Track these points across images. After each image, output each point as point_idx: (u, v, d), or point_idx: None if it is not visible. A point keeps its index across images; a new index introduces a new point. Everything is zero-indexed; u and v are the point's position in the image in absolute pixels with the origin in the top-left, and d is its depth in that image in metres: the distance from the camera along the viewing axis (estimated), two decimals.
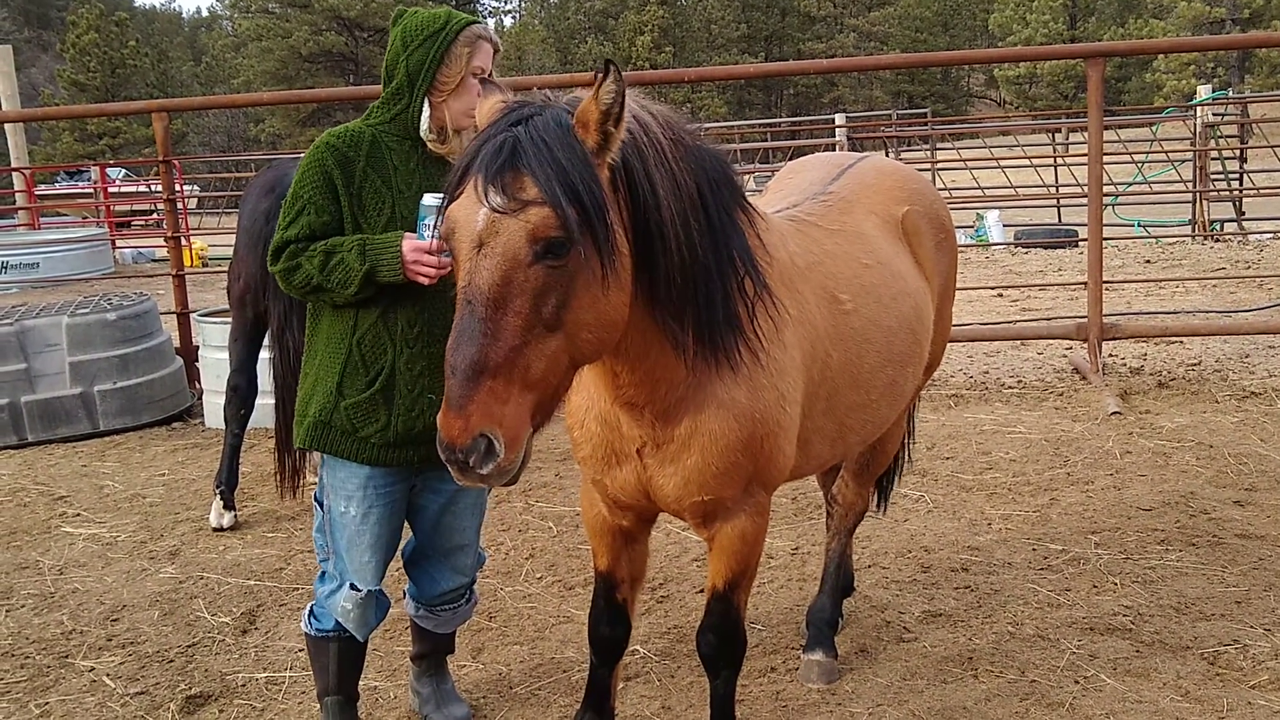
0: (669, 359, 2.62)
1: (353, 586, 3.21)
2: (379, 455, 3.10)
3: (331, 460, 3.17)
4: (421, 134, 3.10)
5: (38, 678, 4.05)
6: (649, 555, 3.29)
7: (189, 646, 4.26)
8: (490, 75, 3.12)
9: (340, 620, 3.27)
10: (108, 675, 4.04)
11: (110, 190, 24.35)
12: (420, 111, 3.08)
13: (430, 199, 2.87)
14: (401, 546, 3.41)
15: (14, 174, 20.67)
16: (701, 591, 4.51)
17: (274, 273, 3.10)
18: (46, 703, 3.86)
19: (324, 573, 3.30)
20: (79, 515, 5.89)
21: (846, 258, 3.23)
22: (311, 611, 3.37)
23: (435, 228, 2.55)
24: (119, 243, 20.32)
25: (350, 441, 3.11)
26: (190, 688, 3.92)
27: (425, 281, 2.94)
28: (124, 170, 31.24)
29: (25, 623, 4.52)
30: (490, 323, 2.19)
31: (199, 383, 8.01)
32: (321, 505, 3.24)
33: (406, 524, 3.36)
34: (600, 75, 2.27)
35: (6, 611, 4.64)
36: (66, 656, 4.21)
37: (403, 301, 3.05)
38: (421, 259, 2.92)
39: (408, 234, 2.96)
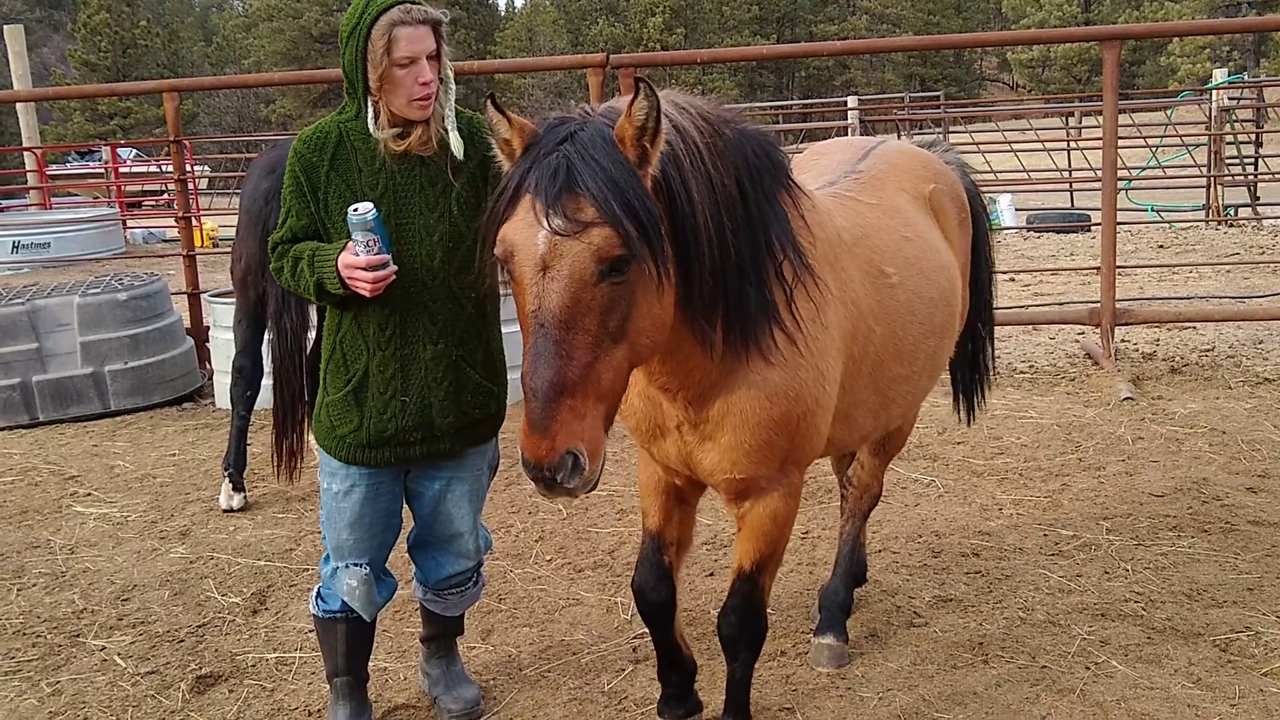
0: (696, 353, 2.66)
1: (355, 564, 3.22)
2: (354, 454, 3.12)
3: None
4: (374, 135, 2.98)
5: (49, 656, 4.06)
6: (695, 523, 3.33)
7: (199, 626, 4.27)
8: (440, 52, 2.96)
9: (346, 600, 3.27)
10: (118, 654, 4.06)
11: (121, 170, 24.36)
12: (366, 113, 2.98)
13: (355, 214, 2.83)
14: (407, 532, 3.41)
15: (25, 154, 20.71)
16: (711, 575, 4.51)
17: (271, 271, 3.16)
18: (58, 681, 3.87)
19: (328, 554, 3.30)
20: (90, 495, 5.91)
21: (889, 231, 3.29)
22: (319, 593, 3.38)
23: (368, 245, 2.79)
24: (130, 223, 20.31)
25: (331, 439, 3.15)
26: (200, 667, 3.93)
27: (365, 293, 2.91)
28: (135, 150, 31.24)
29: (37, 601, 4.54)
30: (564, 344, 2.27)
31: (209, 363, 8.03)
32: None
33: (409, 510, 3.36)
34: (634, 93, 2.33)
35: (18, 590, 4.66)
36: (77, 635, 4.23)
37: (373, 305, 3.02)
38: (355, 274, 2.89)
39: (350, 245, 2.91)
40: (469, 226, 3.00)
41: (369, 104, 2.96)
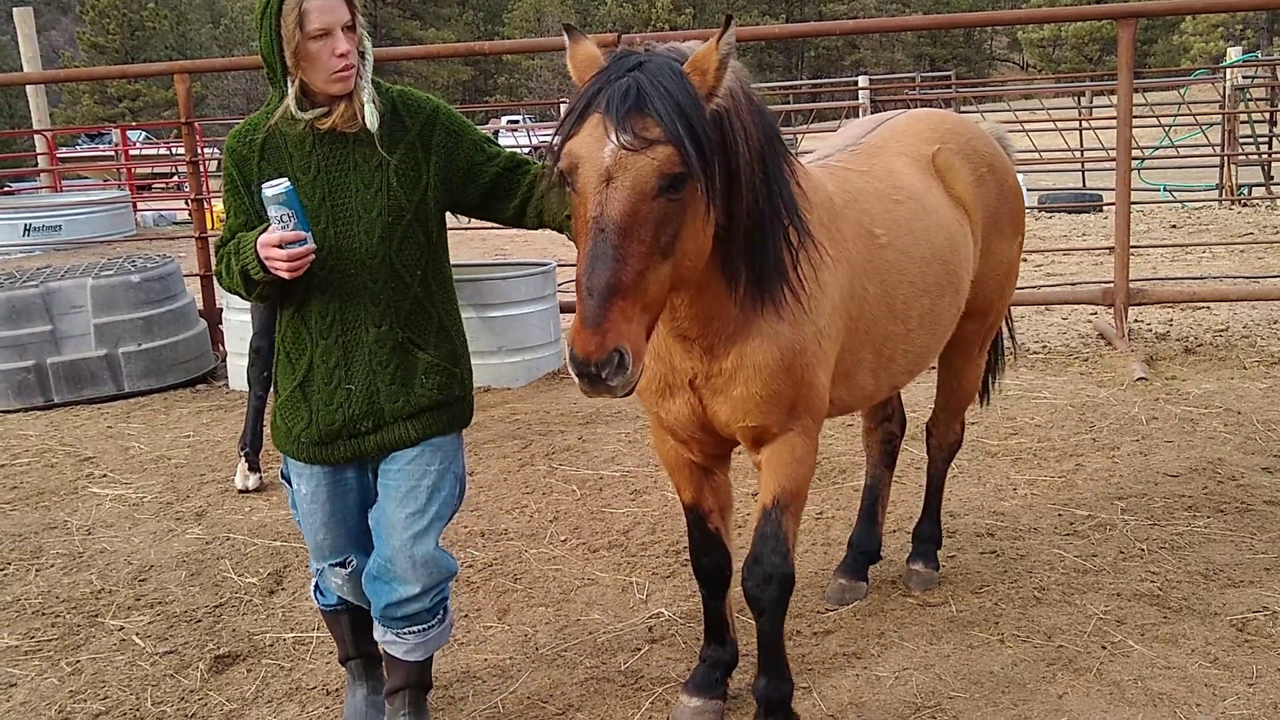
0: (723, 296, 2.81)
1: (336, 564, 3.20)
2: (311, 454, 3.06)
3: None
4: (297, 116, 2.89)
5: (68, 636, 4.09)
6: (731, 486, 3.40)
7: (216, 606, 4.29)
8: (355, 23, 2.87)
9: (339, 594, 3.27)
10: (137, 634, 4.08)
11: (131, 153, 24.39)
12: (288, 95, 2.88)
13: (268, 189, 2.77)
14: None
15: (36, 136, 20.74)
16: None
17: (215, 276, 3.13)
18: (77, 660, 3.90)
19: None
20: (105, 476, 5.94)
21: (877, 195, 3.40)
22: (317, 586, 3.38)
23: (282, 221, 2.76)
24: (140, 205, 20.36)
25: (289, 441, 3.09)
26: (218, 647, 3.95)
27: (283, 275, 2.82)
28: (145, 133, 31.26)
29: (55, 582, 4.57)
30: (621, 249, 2.42)
31: (223, 345, 8.05)
32: (289, 482, 3.22)
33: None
34: (722, 27, 2.53)
35: (36, 571, 4.69)
36: (96, 615, 4.25)
37: (313, 293, 2.96)
38: (270, 253, 2.80)
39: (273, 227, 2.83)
40: (409, 199, 2.96)
41: (289, 85, 2.87)
